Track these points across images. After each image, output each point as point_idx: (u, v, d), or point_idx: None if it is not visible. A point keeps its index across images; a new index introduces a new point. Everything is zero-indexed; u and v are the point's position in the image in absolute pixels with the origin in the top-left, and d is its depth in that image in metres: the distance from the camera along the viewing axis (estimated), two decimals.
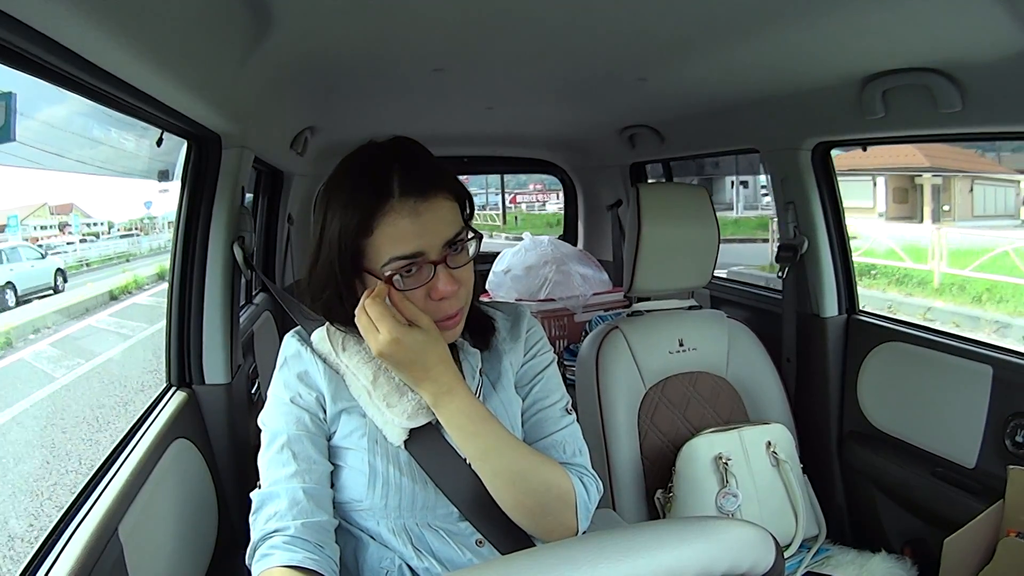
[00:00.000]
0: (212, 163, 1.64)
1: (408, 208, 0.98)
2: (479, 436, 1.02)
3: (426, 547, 1.04)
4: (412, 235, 0.98)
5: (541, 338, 1.21)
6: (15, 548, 3.11)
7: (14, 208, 6.05)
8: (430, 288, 1.00)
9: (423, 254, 0.99)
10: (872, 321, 2.09)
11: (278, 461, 1.02)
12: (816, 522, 1.88)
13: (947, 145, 10.33)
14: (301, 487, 1.00)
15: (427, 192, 0.99)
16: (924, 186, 12.62)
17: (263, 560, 0.96)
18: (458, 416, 1.02)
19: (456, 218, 1.03)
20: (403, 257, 0.98)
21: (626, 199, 3.37)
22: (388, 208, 0.98)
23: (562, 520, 1.06)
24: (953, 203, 12.83)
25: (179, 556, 1.34)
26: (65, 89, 1.03)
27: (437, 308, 1.02)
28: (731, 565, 0.60)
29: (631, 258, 1.95)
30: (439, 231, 0.99)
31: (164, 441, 1.38)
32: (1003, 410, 1.64)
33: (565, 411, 1.17)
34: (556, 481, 1.06)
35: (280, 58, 1.46)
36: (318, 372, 1.07)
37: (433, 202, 1.00)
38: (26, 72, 0.92)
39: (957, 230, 10.77)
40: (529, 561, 0.58)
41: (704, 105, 2.24)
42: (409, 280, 1.00)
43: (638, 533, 0.62)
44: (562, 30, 1.43)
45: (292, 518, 0.98)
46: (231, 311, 1.67)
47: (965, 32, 1.31)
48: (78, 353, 5.47)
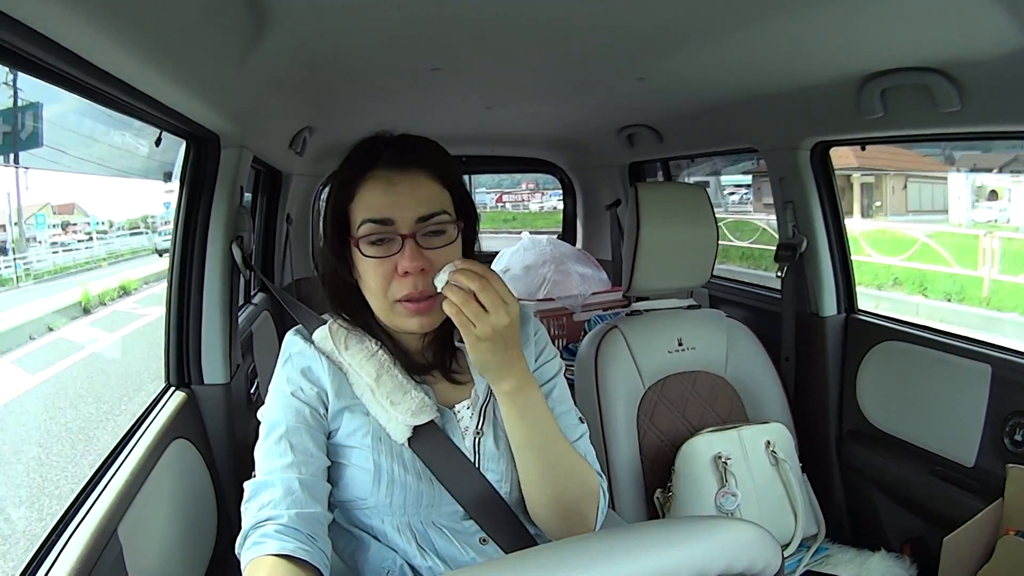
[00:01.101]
0: (211, 163, 1.65)
1: (385, 178, 1.03)
2: (540, 424, 1.03)
3: (430, 545, 1.04)
4: (384, 203, 1.01)
5: (548, 342, 1.22)
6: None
7: (34, 207, 6.69)
8: (397, 262, 1.01)
9: (393, 223, 1.01)
10: (871, 320, 2.10)
11: (275, 451, 1.02)
12: (815, 521, 1.88)
13: (882, 145, 10.96)
14: (297, 478, 0.99)
15: (407, 166, 1.03)
16: (854, 185, 13.38)
17: (254, 548, 0.94)
18: (534, 408, 1.02)
19: (437, 199, 1.04)
20: (373, 221, 1.01)
21: (625, 198, 3.37)
22: (369, 176, 1.03)
23: (587, 520, 1.08)
24: (885, 199, 13.81)
25: (178, 556, 1.34)
26: (64, 89, 1.03)
27: (400, 286, 1.02)
28: (731, 564, 0.60)
29: (630, 257, 1.95)
30: (411, 205, 1.01)
31: (163, 441, 1.38)
32: (1002, 409, 1.65)
33: (579, 420, 1.18)
34: (592, 480, 1.09)
35: (279, 58, 1.46)
36: (322, 368, 1.07)
37: (412, 176, 1.03)
38: (25, 72, 0.93)
39: (888, 224, 12.04)
40: (530, 559, 0.58)
41: (703, 104, 2.24)
42: (376, 248, 1.02)
43: (637, 533, 0.62)
44: (560, 28, 1.43)
45: (286, 507, 0.97)
46: (230, 311, 1.67)
47: (964, 31, 1.31)
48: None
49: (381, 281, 1.02)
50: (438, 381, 1.12)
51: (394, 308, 1.04)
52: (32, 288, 6.95)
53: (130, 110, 1.27)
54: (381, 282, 1.02)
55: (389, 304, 1.04)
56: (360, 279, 1.06)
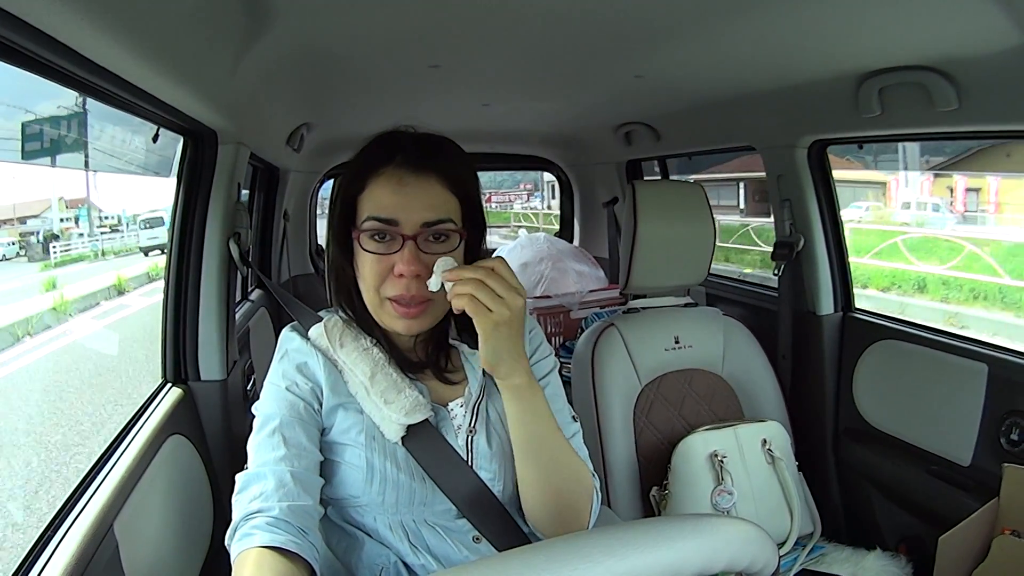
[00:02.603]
0: (208, 159, 1.64)
1: (397, 177, 1.02)
2: (543, 421, 1.03)
3: (422, 543, 1.04)
4: (392, 203, 1.01)
5: (543, 340, 1.22)
6: None
7: (45, 202, 7.32)
8: (393, 263, 1.01)
9: (397, 224, 1.01)
10: (868, 319, 2.10)
11: (268, 444, 1.01)
12: (811, 519, 1.88)
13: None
14: (289, 470, 0.98)
15: (421, 169, 1.02)
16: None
17: (244, 540, 0.93)
18: (538, 404, 1.03)
19: (444, 206, 1.03)
20: (377, 219, 1.01)
21: (622, 196, 3.37)
22: (382, 171, 1.03)
23: (582, 518, 1.08)
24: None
25: (174, 552, 1.34)
26: (61, 84, 1.03)
27: (393, 286, 1.02)
28: (726, 563, 0.60)
29: (627, 255, 1.95)
30: (418, 208, 1.01)
31: (159, 437, 1.38)
32: (998, 408, 1.65)
33: (572, 418, 1.18)
34: (587, 478, 1.09)
35: (276, 54, 1.46)
36: (317, 364, 1.07)
37: (424, 179, 1.02)
38: (23, 68, 0.92)
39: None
40: (525, 557, 0.58)
41: (700, 102, 2.24)
42: (376, 244, 1.02)
43: (632, 530, 0.61)
44: (557, 25, 1.43)
45: (278, 500, 0.96)
46: (227, 307, 1.67)
47: (962, 30, 1.31)
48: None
49: (375, 277, 1.02)
50: (431, 379, 1.12)
51: (383, 305, 1.04)
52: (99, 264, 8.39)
53: (127, 106, 1.26)
54: (375, 278, 1.02)
55: (379, 300, 1.04)
56: (358, 271, 1.06)
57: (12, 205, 6.63)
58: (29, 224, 7.16)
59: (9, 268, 7.03)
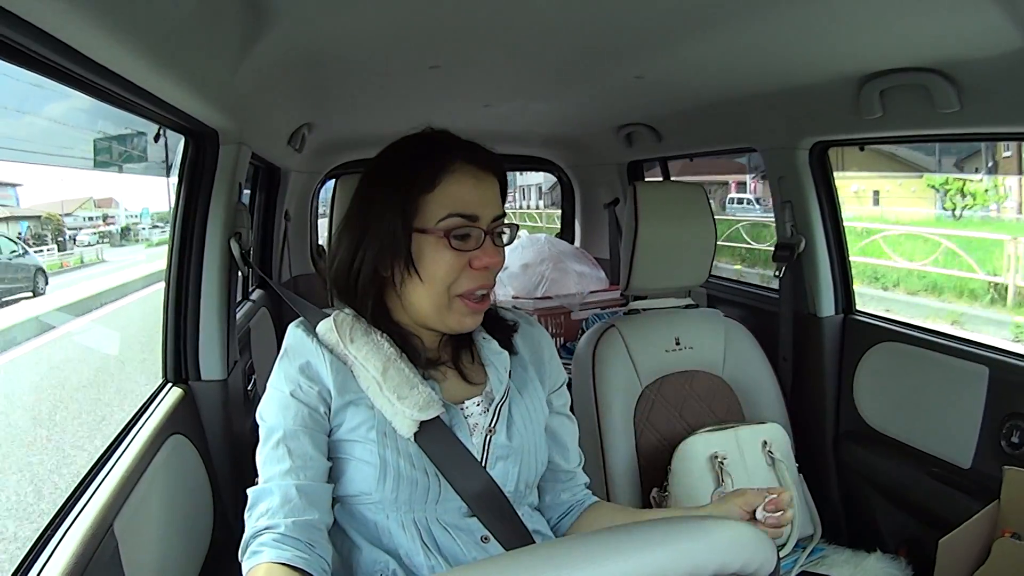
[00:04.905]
0: (209, 159, 1.64)
1: (472, 172, 1.04)
2: None
3: (433, 543, 1.03)
4: (474, 197, 1.03)
5: (558, 362, 1.26)
6: None
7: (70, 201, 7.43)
8: (474, 257, 1.03)
9: (478, 219, 1.03)
10: (869, 321, 2.10)
11: (273, 457, 1.02)
12: (811, 522, 1.87)
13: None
14: (295, 484, 0.99)
15: (485, 166, 1.06)
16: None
17: (253, 557, 0.95)
18: None
19: (501, 202, 1.08)
20: (462, 215, 1.02)
21: (623, 197, 3.37)
22: (455, 167, 1.04)
23: None
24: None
25: (174, 552, 1.34)
26: (62, 84, 1.02)
27: (475, 278, 1.04)
28: (726, 564, 0.60)
29: (628, 256, 1.94)
30: (492, 204, 1.05)
31: (160, 437, 1.38)
32: (999, 411, 1.65)
33: (570, 413, 1.22)
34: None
35: (277, 54, 1.46)
36: (323, 363, 1.06)
37: (488, 176, 1.07)
38: (24, 68, 0.92)
39: None
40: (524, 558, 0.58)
41: (702, 103, 2.23)
42: (461, 242, 1.03)
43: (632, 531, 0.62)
44: (558, 26, 1.43)
45: (283, 516, 0.97)
46: (228, 307, 1.67)
47: (963, 32, 1.31)
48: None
49: (452, 273, 1.03)
50: (446, 377, 1.12)
51: (452, 304, 1.05)
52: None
53: (129, 105, 1.26)
54: (451, 275, 1.03)
55: (448, 300, 1.04)
56: (417, 272, 1.04)
57: (60, 202, 6.91)
58: (66, 220, 7.45)
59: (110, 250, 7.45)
